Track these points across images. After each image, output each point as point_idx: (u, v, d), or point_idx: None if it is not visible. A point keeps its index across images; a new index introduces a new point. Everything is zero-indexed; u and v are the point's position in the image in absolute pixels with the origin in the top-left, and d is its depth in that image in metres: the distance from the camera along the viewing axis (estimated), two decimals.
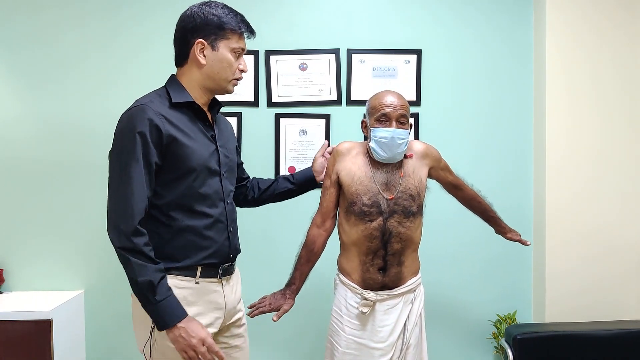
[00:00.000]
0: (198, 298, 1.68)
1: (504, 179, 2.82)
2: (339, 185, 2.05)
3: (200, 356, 1.57)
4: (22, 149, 2.69)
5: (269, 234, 2.78)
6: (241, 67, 1.74)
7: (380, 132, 1.96)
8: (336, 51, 2.76)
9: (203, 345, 1.57)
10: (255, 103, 2.76)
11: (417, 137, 2.79)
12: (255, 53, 2.74)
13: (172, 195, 1.65)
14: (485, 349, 2.82)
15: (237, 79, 1.76)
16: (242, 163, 2.07)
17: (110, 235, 1.58)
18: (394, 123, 1.96)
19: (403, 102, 2.00)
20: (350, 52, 2.76)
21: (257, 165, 2.74)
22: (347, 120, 2.76)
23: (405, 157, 2.05)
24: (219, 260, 1.73)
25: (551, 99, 2.68)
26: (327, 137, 2.76)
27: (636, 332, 2.41)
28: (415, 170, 2.04)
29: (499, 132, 2.82)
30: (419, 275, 2.11)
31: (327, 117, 2.76)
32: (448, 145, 2.80)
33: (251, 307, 2.04)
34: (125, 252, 1.54)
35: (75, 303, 2.62)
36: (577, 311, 2.68)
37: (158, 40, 2.73)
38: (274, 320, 2.01)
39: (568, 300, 2.69)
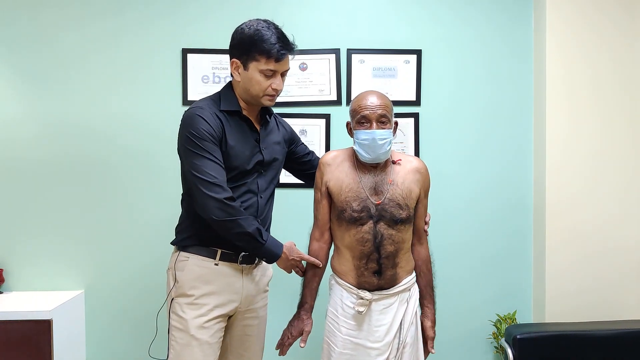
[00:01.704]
0: (215, 278, 1.88)
1: (503, 179, 2.82)
2: (329, 195, 2.06)
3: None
4: (23, 149, 2.69)
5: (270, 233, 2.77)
6: (274, 86, 1.88)
7: (362, 135, 1.96)
8: (336, 51, 2.76)
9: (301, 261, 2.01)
10: None
11: (417, 136, 2.78)
12: None
13: None
14: (485, 349, 2.82)
15: (270, 95, 1.90)
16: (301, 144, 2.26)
17: (208, 213, 1.78)
18: (374, 124, 1.96)
19: (383, 101, 1.98)
20: (350, 52, 2.76)
21: None
22: (347, 120, 2.76)
23: (394, 162, 2.05)
24: (240, 247, 1.88)
25: (551, 99, 2.68)
26: (327, 137, 2.76)
27: (636, 332, 2.41)
28: (405, 183, 2.03)
29: (499, 132, 2.82)
30: (414, 274, 2.11)
31: (327, 117, 2.76)
32: (448, 145, 2.80)
33: (278, 347, 2.07)
34: (232, 216, 1.78)
35: (75, 303, 2.62)
36: (577, 311, 2.68)
37: (160, 41, 2.73)
38: (301, 347, 2.05)
39: (568, 300, 2.69)
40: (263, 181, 1.97)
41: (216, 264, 1.89)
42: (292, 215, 2.73)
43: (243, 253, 1.91)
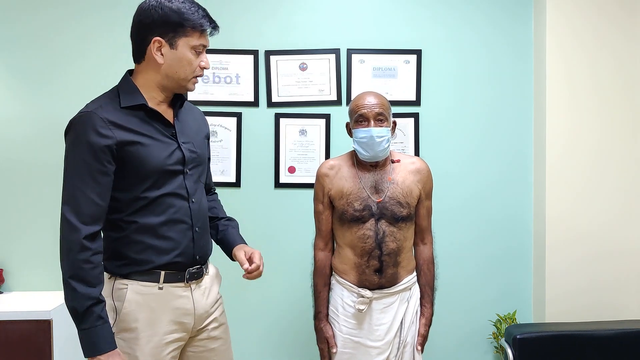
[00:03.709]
0: (162, 304, 1.62)
1: (504, 179, 2.82)
2: (331, 204, 2.08)
3: None
4: (22, 149, 2.69)
5: (266, 233, 2.77)
6: (202, 64, 1.64)
7: (360, 133, 1.99)
8: (336, 51, 2.76)
9: None
10: (255, 103, 2.75)
11: (417, 136, 2.78)
12: (255, 53, 2.74)
13: (128, 198, 1.59)
14: (485, 349, 2.82)
15: (198, 76, 1.66)
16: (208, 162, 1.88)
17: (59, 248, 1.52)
18: (372, 122, 1.98)
19: (380, 100, 2.01)
20: (350, 52, 2.76)
21: (257, 165, 2.74)
22: (347, 120, 2.76)
23: (393, 161, 2.06)
24: (184, 264, 1.65)
25: (551, 99, 2.68)
26: (327, 137, 2.76)
27: (636, 332, 2.40)
28: (406, 182, 2.05)
29: (499, 132, 2.82)
30: (414, 273, 2.12)
31: (327, 117, 2.76)
32: (448, 145, 2.80)
33: None
34: (63, 271, 1.50)
35: None
36: (577, 311, 2.68)
37: None
38: (334, 352, 2.05)
39: (568, 300, 2.69)
40: (191, 182, 1.68)
41: (160, 288, 1.62)
42: (295, 216, 2.73)
43: (189, 269, 1.66)
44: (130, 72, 1.68)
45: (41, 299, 2.54)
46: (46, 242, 2.69)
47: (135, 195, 1.59)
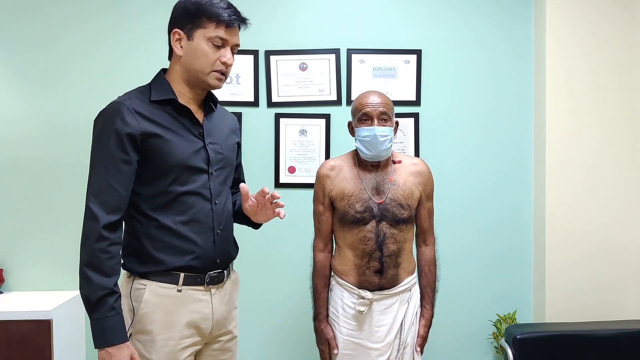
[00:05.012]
0: (180, 307, 1.59)
1: (504, 179, 2.82)
2: (332, 205, 2.07)
3: None
4: (23, 148, 2.69)
5: (266, 233, 2.77)
6: (223, 59, 1.60)
7: (363, 132, 1.98)
8: (336, 51, 2.76)
9: None
10: (255, 103, 2.76)
11: (417, 136, 2.78)
12: (255, 53, 2.74)
13: (150, 193, 1.58)
14: (485, 349, 2.82)
15: (219, 72, 1.61)
16: (239, 165, 1.90)
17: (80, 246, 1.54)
18: (375, 121, 1.98)
19: (384, 100, 2.01)
20: (350, 52, 2.76)
21: (257, 165, 2.74)
22: (347, 120, 2.75)
23: (394, 162, 2.06)
24: (204, 267, 1.62)
25: (551, 99, 2.68)
26: (327, 137, 2.76)
27: (636, 332, 2.40)
28: (407, 184, 2.04)
29: (499, 132, 2.82)
30: (415, 274, 2.12)
31: (327, 117, 2.76)
32: (448, 145, 2.80)
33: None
34: (80, 260, 1.51)
35: (75, 303, 2.62)
36: (577, 311, 2.68)
37: (159, 38, 2.72)
38: (335, 354, 2.04)
39: (568, 300, 2.69)
40: (215, 184, 1.66)
41: (179, 290, 1.59)
42: (295, 216, 2.72)
43: (209, 272, 1.63)
44: (164, 71, 1.70)
45: (41, 299, 2.54)
46: (47, 242, 2.70)
47: (157, 190, 1.58)
